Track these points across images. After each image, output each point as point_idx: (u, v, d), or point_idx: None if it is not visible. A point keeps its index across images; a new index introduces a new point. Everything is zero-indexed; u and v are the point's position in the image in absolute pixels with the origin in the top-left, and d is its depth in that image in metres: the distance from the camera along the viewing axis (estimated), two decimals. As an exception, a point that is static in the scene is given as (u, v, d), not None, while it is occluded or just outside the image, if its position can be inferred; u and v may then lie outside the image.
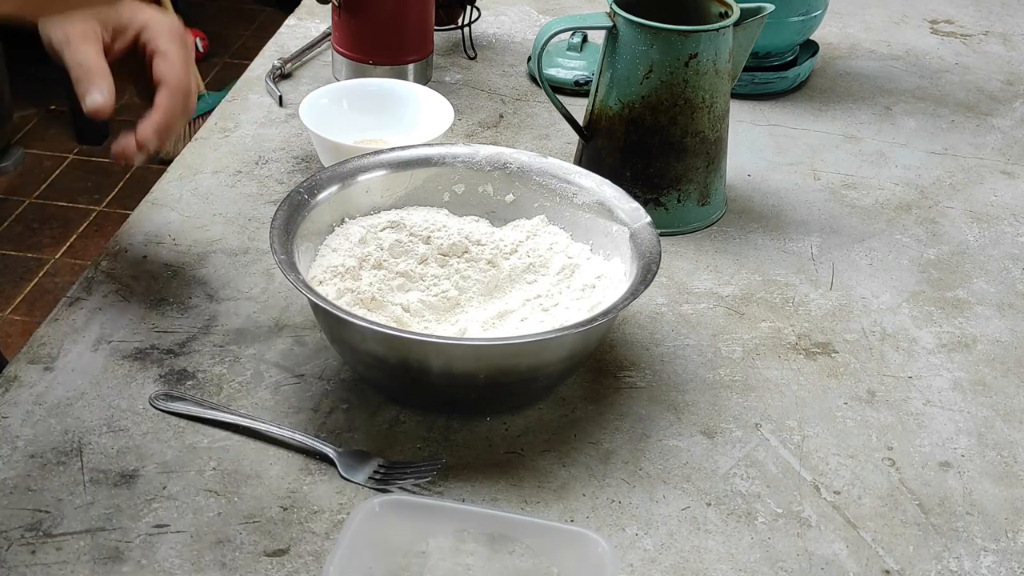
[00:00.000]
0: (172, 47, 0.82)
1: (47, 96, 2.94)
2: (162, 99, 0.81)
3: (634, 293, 0.76)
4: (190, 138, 1.12)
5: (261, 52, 1.30)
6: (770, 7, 1.00)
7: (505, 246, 0.88)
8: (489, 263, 0.87)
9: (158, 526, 0.70)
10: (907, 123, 1.24)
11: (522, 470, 0.76)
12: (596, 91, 1.01)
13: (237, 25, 3.51)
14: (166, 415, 0.78)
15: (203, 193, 1.01)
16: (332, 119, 1.05)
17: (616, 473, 0.76)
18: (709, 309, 0.93)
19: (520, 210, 0.91)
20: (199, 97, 0.92)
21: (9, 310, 2.33)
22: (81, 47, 0.79)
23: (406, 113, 1.08)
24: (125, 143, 0.80)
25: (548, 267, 0.87)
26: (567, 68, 1.24)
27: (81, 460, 0.74)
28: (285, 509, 0.72)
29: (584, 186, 0.89)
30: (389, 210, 0.89)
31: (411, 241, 0.87)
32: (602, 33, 0.99)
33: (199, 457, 0.75)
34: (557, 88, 1.20)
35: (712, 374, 0.86)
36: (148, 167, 1.58)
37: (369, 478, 0.74)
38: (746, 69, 1.17)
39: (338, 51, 1.19)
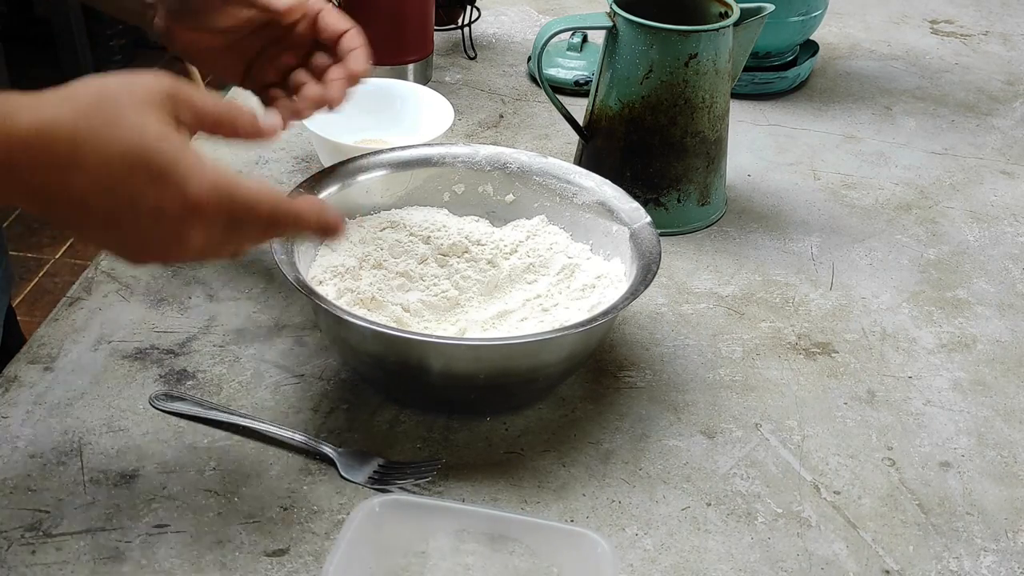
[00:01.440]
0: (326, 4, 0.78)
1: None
2: (355, 34, 0.77)
3: (634, 293, 0.76)
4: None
5: (261, 52, 1.30)
6: (770, 7, 1.00)
7: (505, 246, 0.88)
8: (489, 263, 0.87)
9: (158, 526, 0.70)
10: (907, 123, 1.24)
11: (522, 470, 0.76)
12: (596, 91, 1.01)
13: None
14: (166, 415, 0.78)
15: (203, 193, 1.01)
16: (332, 119, 1.04)
17: (616, 473, 0.76)
18: (709, 309, 0.93)
19: (520, 210, 0.91)
20: None
21: (9, 310, 2.33)
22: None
23: (406, 113, 1.08)
24: (341, 80, 0.76)
25: (548, 267, 0.87)
26: (567, 68, 1.24)
27: (81, 460, 0.74)
28: (285, 509, 0.72)
29: (584, 186, 0.89)
30: (389, 210, 0.89)
31: (411, 241, 0.87)
32: (602, 33, 0.99)
33: (199, 457, 0.75)
34: (557, 88, 1.20)
35: (712, 374, 0.86)
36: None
37: (369, 478, 0.74)
38: (746, 69, 1.17)
39: (338, 51, 1.19)
